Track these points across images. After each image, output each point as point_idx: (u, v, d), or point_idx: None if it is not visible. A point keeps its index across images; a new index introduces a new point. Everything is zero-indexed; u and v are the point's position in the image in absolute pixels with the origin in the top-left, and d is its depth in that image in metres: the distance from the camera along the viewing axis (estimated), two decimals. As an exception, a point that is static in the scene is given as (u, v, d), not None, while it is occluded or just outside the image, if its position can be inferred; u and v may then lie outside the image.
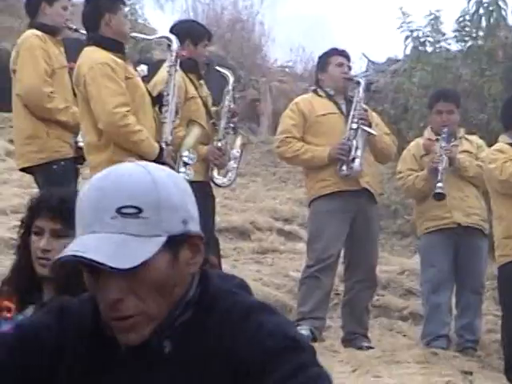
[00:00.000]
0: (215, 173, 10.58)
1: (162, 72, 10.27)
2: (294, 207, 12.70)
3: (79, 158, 10.23)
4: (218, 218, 11.02)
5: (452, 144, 11.17)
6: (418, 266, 11.67)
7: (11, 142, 13.01)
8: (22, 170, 10.75)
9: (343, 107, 11.27)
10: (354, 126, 10.98)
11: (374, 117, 11.62)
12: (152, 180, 2.88)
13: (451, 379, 8.90)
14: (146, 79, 10.27)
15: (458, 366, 9.82)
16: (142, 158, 9.18)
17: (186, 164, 9.73)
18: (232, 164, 10.76)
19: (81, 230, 2.87)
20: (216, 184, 10.64)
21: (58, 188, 5.79)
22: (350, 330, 10.64)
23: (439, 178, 10.79)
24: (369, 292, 11.03)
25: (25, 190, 12.58)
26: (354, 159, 10.83)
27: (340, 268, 11.02)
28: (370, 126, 11.06)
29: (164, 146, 9.49)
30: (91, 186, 2.91)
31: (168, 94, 9.78)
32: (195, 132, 10.04)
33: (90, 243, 2.81)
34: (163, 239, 2.85)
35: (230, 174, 10.79)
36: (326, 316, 10.79)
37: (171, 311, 2.93)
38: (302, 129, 11.23)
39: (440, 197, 10.77)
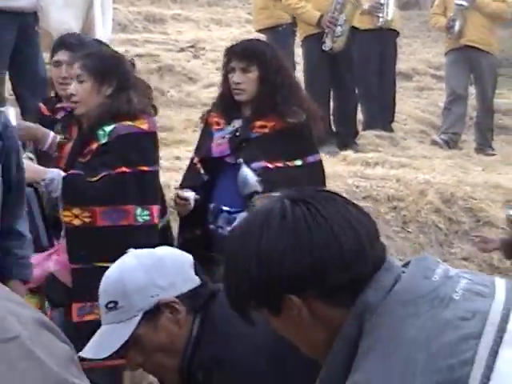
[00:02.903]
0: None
1: None
2: (442, 59, 12.38)
3: (296, 23, 9.99)
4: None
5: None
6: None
7: (249, 13, 12.97)
8: (258, 31, 10.64)
9: None
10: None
11: None
12: (120, 275, 2.82)
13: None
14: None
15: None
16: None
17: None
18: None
19: None
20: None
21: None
22: (480, 142, 10.37)
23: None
24: (491, 117, 10.53)
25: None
26: (452, 26, 10.14)
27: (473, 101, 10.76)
28: None
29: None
30: None
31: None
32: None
33: (91, 341, 2.81)
34: (138, 318, 2.77)
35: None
36: (462, 132, 10.52)
37: (183, 355, 2.83)
38: (443, 6, 10.53)
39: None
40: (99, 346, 2.78)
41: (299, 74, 9.69)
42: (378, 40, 9.88)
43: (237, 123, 5.09)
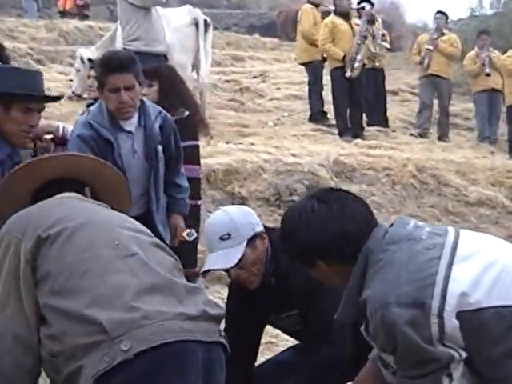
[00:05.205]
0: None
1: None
2: (417, 82, 12.13)
3: (324, 60, 9.46)
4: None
5: None
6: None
7: (296, 55, 12.86)
8: (300, 64, 10.08)
9: None
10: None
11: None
12: (230, 218, 2.71)
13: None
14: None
15: None
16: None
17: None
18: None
19: (208, 250, 2.75)
20: None
21: None
22: (440, 134, 10.04)
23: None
24: (447, 118, 10.19)
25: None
26: (423, 61, 9.81)
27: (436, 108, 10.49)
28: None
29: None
30: (205, 230, 2.78)
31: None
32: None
33: (211, 261, 2.68)
34: (245, 243, 2.69)
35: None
36: (430, 128, 10.13)
37: (266, 265, 2.76)
38: (418, 49, 10.10)
39: None
40: (224, 261, 2.69)
41: (327, 93, 9.64)
42: (374, 73, 9.71)
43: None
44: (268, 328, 3.06)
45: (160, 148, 3.73)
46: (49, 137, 3.87)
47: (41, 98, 2.93)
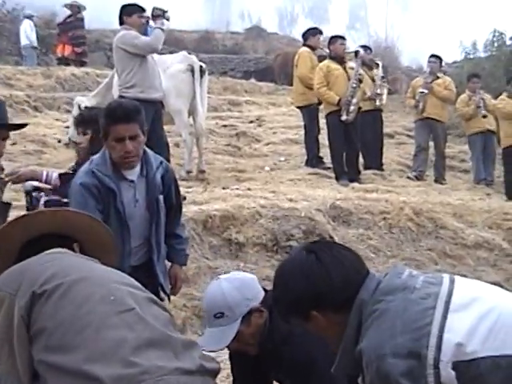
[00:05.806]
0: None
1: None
2: (412, 125, 12.23)
3: (320, 103, 9.54)
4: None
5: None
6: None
7: (292, 98, 12.96)
8: (297, 107, 10.13)
9: None
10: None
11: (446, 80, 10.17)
12: (222, 294, 2.69)
13: None
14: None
15: None
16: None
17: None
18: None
19: (204, 325, 2.79)
20: None
21: None
22: (437, 176, 10.02)
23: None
24: (443, 161, 10.31)
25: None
26: (418, 105, 9.83)
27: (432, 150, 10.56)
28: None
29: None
30: (202, 302, 2.81)
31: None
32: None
33: (205, 338, 2.67)
34: (239, 320, 2.67)
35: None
36: (426, 170, 10.16)
37: (261, 336, 2.73)
38: (412, 92, 10.13)
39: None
40: (217, 341, 2.67)
41: (323, 137, 9.69)
42: (372, 115, 9.78)
43: None
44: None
45: (161, 198, 3.74)
46: (49, 186, 3.89)
47: (5, 126, 2.97)
